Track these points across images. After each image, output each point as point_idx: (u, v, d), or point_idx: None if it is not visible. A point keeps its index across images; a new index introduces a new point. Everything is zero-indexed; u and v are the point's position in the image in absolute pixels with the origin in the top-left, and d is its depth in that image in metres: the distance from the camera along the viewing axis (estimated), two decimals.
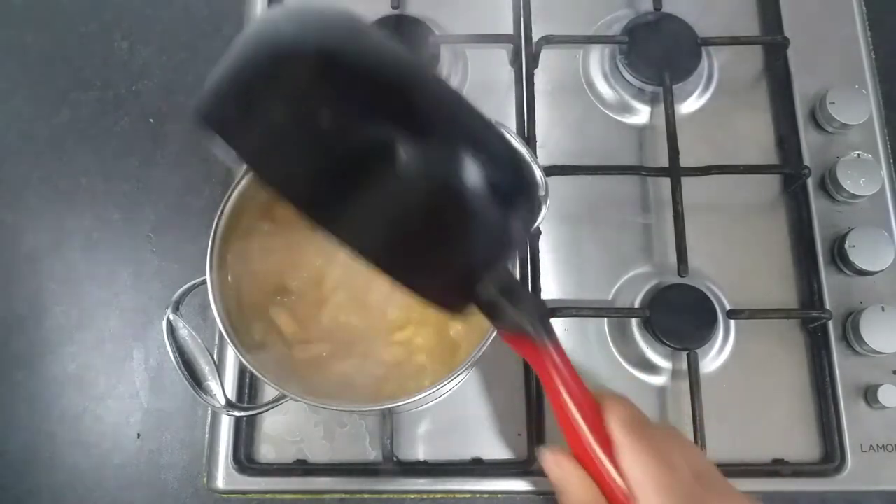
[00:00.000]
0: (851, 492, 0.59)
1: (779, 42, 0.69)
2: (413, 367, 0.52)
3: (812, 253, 0.64)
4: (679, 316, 0.61)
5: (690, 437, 0.58)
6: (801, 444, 0.61)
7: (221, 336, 0.49)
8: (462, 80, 0.71)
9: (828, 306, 0.63)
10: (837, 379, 0.61)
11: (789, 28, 0.70)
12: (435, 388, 0.48)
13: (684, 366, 0.60)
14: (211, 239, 0.50)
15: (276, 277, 0.53)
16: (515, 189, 0.39)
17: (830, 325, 0.62)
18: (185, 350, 0.51)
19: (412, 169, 0.33)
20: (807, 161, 0.66)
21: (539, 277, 0.64)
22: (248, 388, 0.62)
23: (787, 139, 0.68)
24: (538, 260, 0.64)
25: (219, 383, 0.50)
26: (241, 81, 0.35)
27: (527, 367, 0.62)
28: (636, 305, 0.63)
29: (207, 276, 0.49)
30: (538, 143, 0.68)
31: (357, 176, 0.34)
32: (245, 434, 0.61)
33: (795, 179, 0.66)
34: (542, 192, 0.55)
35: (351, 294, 0.54)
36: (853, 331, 0.61)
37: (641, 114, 0.70)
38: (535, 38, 0.70)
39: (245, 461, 0.60)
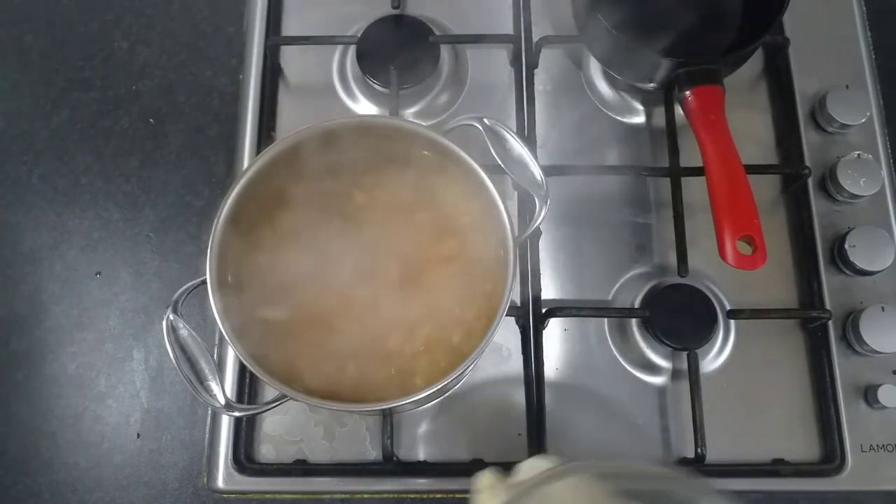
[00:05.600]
0: (851, 492, 0.59)
1: (779, 42, 0.69)
2: (414, 368, 0.52)
3: (812, 253, 0.64)
4: (679, 316, 0.61)
5: (691, 436, 0.58)
6: (801, 444, 0.61)
7: (221, 336, 0.49)
8: (462, 80, 0.71)
9: (828, 306, 0.63)
10: (837, 379, 0.61)
11: (789, 28, 0.70)
12: (435, 389, 0.48)
13: (684, 366, 0.60)
14: (211, 239, 0.50)
15: (277, 277, 0.53)
16: None
17: (830, 324, 0.62)
18: (185, 350, 0.50)
19: None
20: (807, 161, 0.66)
21: (539, 277, 0.64)
22: (248, 388, 0.62)
23: (787, 139, 0.68)
24: (538, 260, 0.64)
25: (219, 383, 0.50)
26: None
27: (527, 367, 0.62)
28: (636, 305, 0.63)
29: (207, 276, 0.49)
30: (538, 143, 0.68)
31: None
32: (245, 434, 0.61)
33: (795, 179, 0.66)
34: (542, 192, 0.55)
35: (352, 294, 0.54)
36: (853, 331, 0.61)
37: (641, 114, 0.70)
38: (535, 38, 0.70)
39: (245, 461, 0.60)
